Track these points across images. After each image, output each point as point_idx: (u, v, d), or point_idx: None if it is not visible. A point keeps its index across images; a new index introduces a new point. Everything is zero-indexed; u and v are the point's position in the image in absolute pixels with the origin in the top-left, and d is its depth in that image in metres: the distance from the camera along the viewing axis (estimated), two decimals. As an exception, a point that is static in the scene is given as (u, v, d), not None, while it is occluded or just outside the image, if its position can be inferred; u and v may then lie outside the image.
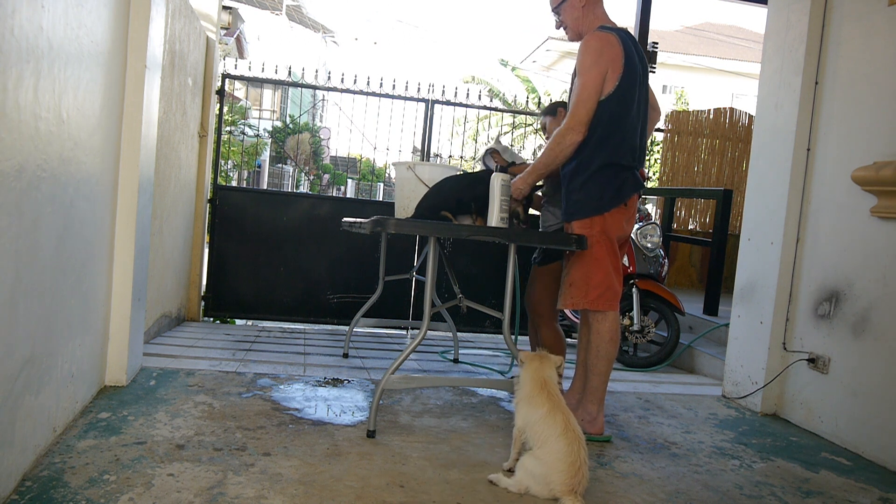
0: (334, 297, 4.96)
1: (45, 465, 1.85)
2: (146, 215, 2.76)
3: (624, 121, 2.44)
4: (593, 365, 2.51)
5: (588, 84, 2.37)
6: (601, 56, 2.38)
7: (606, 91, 2.40)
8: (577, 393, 2.63)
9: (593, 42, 2.41)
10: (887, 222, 2.67)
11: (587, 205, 2.46)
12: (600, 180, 2.45)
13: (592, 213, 2.46)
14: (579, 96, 2.38)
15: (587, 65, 2.38)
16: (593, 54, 2.38)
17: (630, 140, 2.48)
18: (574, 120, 2.38)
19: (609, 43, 2.40)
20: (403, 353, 2.41)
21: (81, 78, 2.00)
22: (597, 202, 2.45)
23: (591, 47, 2.40)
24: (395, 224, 2.33)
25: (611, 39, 2.40)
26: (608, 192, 2.45)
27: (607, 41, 2.40)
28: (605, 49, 2.39)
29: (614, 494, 2.05)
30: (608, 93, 2.40)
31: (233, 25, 15.98)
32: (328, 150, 19.83)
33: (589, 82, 2.37)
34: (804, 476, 2.39)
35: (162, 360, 3.17)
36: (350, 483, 1.94)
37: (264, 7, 24.63)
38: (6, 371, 1.60)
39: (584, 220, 2.47)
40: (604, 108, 2.41)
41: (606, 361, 2.50)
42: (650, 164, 8.94)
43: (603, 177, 2.45)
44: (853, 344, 2.78)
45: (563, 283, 2.57)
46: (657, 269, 4.27)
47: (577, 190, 2.49)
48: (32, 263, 1.72)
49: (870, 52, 2.83)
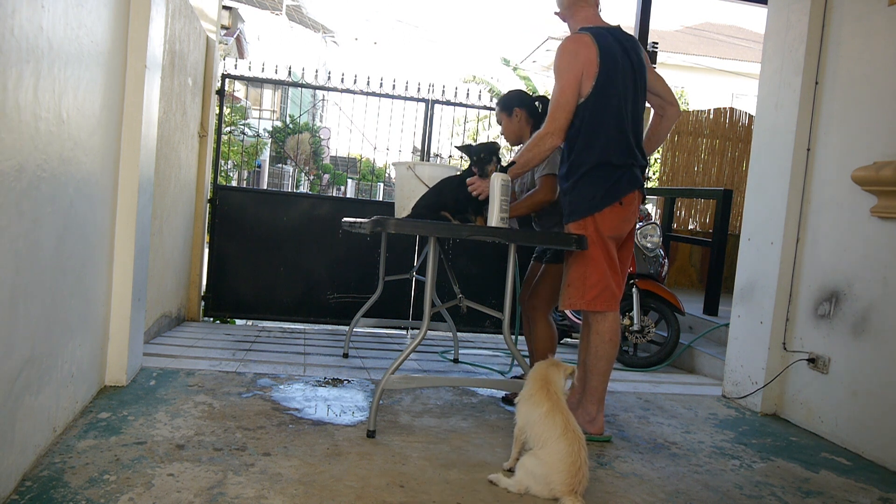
0: (334, 298, 4.96)
1: (45, 465, 1.85)
2: (146, 215, 2.76)
3: (607, 119, 2.43)
4: (593, 365, 2.52)
5: (565, 88, 2.39)
6: (575, 58, 2.39)
7: (584, 92, 2.41)
8: (577, 393, 2.62)
9: (568, 45, 2.42)
10: (887, 222, 2.67)
11: (580, 206, 2.46)
12: (592, 180, 2.45)
13: (585, 214, 2.45)
14: (557, 101, 2.40)
15: (562, 69, 2.40)
16: (567, 57, 2.40)
17: (621, 138, 2.45)
18: (553, 125, 2.41)
19: (583, 44, 2.40)
20: (403, 353, 2.41)
21: (81, 78, 2.00)
22: (589, 202, 2.45)
23: (566, 50, 2.41)
24: (395, 224, 2.33)
25: (584, 40, 2.40)
26: (600, 191, 2.44)
27: (581, 42, 2.41)
28: (580, 50, 2.40)
29: (614, 494, 2.05)
30: (586, 94, 2.41)
31: (233, 25, 15.97)
32: (328, 150, 19.83)
33: (566, 87, 2.39)
34: (804, 476, 2.39)
35: (162, 360, 3.17)
36: (350, 483, 1.94)
37: (264, 7, 24.62)
38: (6, 371, 1.60)
39: (579, 221, 2.47)
40: (584, 109, 2.42)
41: (606, 362, 2.51)
42: (650, 164, 8.94)
43: (594, 177, 2.44)
44: (853, 344, 2.78)
45: (562, 284, 2.58)
46: (657, 269, 4.27)
47: (569, 191, 2.50)
48: (32, 263, 1.72)
49: (870, 52, 2.83)
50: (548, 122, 2.42)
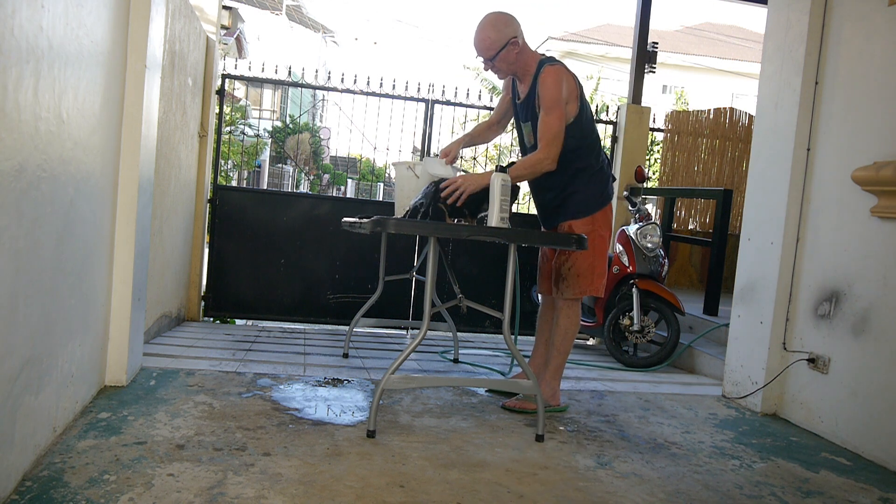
0: (334, 298, 4.96)
1: (45, 465, 1.85)
2: (146, 215, 2.76)
3: (595, 131, 2.82)
4: (560, 344, 2.81)
5: (560, 119, 2.60)
6: (563, 88, 2.60)
7: (572, 114, 2.66)
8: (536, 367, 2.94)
9: (555, 77, 2.60)
10: (887, 222, 2.68)
11: (590, 204, 2.77)
12: (597, 182, 2.79)
13: (594, 211, 2.77)
14: (552, 132, 2.59)
15: (553, 101, 2.59)
16: (556, 90, 2.59)
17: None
18: (553, 151, 2.60)
19: (565, 74, 2.64)
20: (403, 353, 2.41)
21: (81, 78, 2.00)
22: (597, 200, 2.78)
23: (555, 82, 2.59)
24: (395, 224, 2.33)
25: (565, 69, 2.65)
26: (603, 191, 2.80)
27: (564, 74, 2.63)
28: (566, 80, 2.63)
29: (614, 494, 2.05)
30: (574, 114, 2.67)
31: (233, 25, 15.98)
32: (328, 150, 19.85)
33: (560, 118, 2.60)
34: (804, 476, 2.39)
35: (162, 360, 3.17)
36: (350, 483, 1.94)
37: (264, 7, 24.63)
38: (6, 371, 1.60)
39: (587, 217, 2.76)
40: (577, 126, 2.68)
41: (572, 341, 2.85)
42: (650, 164, 8.94)
43: (598, 179, 2.79)
44: (853, 344, 2.78)
45: (567, 274, 2.77)
46: (657, 269, 4.26)
47: (578, 192, 2.76)
48: (32, 263, 1.72)
49: (870, 52, 2.83)
50: (548, 148, 2.60)
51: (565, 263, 2.78)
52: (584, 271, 2.75)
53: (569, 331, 2.81)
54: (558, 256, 2.82)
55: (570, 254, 2.76)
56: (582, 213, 2.76)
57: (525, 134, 2.82)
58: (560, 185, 2.77)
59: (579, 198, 2.75)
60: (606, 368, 3.99)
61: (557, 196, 2.80)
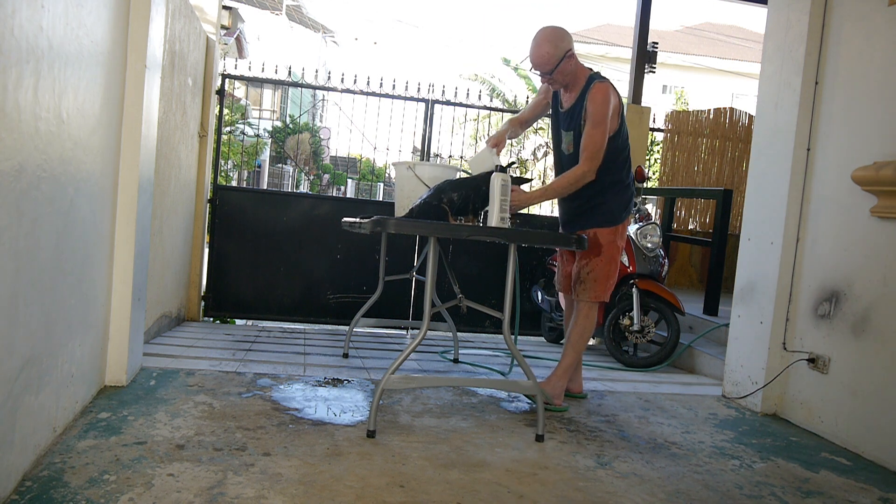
0: (334, 298, 4.96)
1: (45, 465, 1.85)
2: (146, 215, 2.76)
3: (628, 146, 2.93)
4: (576, 342, 2.93)
5: (604, 135, 2.72)
6: (611, 105, 2.72)
7: (613, 128, 2.78)
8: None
9: (605, 94, 2.71)
10: (887, 222, 2.67)
11: (616, 214, 2.89)
12: (625, 195, 2.92)
13: (618, 221, 2.90)
14: (596, 146, 2.72)
15: (601, 116, 2.70)
16: (605, 106, 2.70)
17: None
18: (593, 167, 2.74)
19: (613, 92, 2.76)
20: (403, 353, 2.41)
21: (81, 78, 2.00)
22: (623, 211, 2.92)
23: (605, 99, 2.71)
24: (395, 224, 2.34)
25: (612, 88, 2.77)
26: (628, 203, 2.94)
27: (612, 91, 2.75)
28: (613, 98, 2.75)
29: (614, 494, 2.05)
30: (615, 130, 2.79)
31: (233, 25, 15.97)
32: (328, 150, 19.84)
33: (604, 133, 2.72)
34: (804, 476, 2.39)
35: (162, 360, 3.17)
36: (350, 483, 1.94)
37: (264, 7, 24.63)
38: (6, 371, 1.60)
39: (612, 227, 2.88)
40: (615, 140, 2.81)
41: (586, 342, 2.98)
42: (650, 164, 8.94)
43: (626, 192, 2.92)
44: (853, 344, 2.78)
45: (586, 278, 2.89)
46: (657, 269, 4.26)
47: (608, 202, 2.88)
48: (32, 263, 1.72)
49: (870, 52, 2.83)
50: (590, 162, 2.73)
51: (585, 267, 2.89)
52: (601, 277, 2.87)
53: (586, 330, 2.93)
54: (579, 260, 2.92)
55: (592, 258, 2.87)
56: (609, 222, 2.88)
57: (565, 142, 2.91)
58: (589, 195, 2.86)
59: (607, 208, 2.87)
60: (606, 368, 3.99)
61: (585, 204, 2.90)
